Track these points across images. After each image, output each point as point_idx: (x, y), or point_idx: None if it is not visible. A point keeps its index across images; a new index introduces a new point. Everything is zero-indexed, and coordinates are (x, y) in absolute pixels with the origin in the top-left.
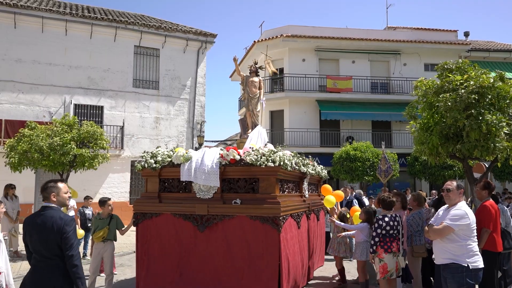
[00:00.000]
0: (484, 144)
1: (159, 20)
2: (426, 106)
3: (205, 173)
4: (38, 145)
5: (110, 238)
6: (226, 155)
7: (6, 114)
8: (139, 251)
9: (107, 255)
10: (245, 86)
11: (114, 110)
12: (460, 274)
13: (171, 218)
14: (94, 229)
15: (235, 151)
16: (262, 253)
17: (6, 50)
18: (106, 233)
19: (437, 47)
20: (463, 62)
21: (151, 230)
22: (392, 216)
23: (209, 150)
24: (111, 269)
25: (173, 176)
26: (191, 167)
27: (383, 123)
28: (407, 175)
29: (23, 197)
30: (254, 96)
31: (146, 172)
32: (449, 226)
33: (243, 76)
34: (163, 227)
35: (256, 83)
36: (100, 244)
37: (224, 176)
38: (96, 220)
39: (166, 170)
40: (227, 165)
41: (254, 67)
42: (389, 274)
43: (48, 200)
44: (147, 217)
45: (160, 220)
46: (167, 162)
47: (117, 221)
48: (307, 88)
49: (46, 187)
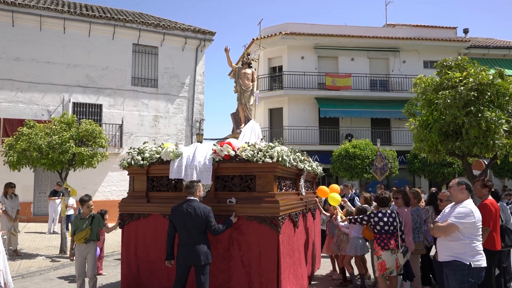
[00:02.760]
0: (483, 141)
1: (157, 18)
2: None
3: (197, 171)
4: (37, 143)
5: (92, 238)
6: (220, 150)
7: (5, 112)
8: (125, 254)
9: (89, 256)
10: (237, 78)
11: (113, 109)
12: (462, 272)
13: (161, 219)
14: (74, 230)
15: (229, 146)
16: (259, 256)
17: (4, 49)
18: (89, 234)
19: (436, 44)
20: (462, 59)
21: (138, 232)
22: (387, 212)
23: (201, 145)
24: (94, 272)
25: (162, 174)
26: (181, 164)
27: (383, 121)
28: (407, 173)
29: (22, 195)
30: (246, 89)
31: (132, 170)
32: (453, 224)
33: (235, 67)
34: (151, 229)
35: (248, 75)
36: (83, 245)
37: (218, 174)
38: (76, 220)
39: (155, 167)
40: (221, 162)
41: (247, 59)
42: (389, 272)
43: (193, 194)
44: (134, 218)
45: (148, 222)
46: (156, 158)
47: (99, 221)
48: (306, 85)
49: (193, 185)
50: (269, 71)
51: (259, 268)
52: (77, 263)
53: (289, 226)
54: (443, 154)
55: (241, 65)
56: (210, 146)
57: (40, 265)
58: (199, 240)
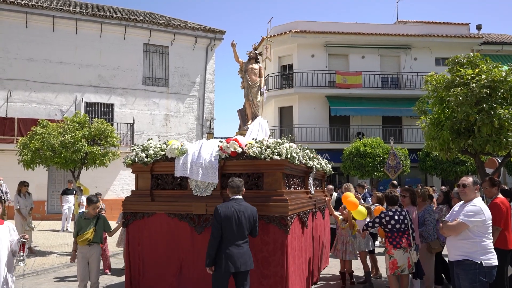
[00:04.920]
0: (496, 139)
1: (168, 18)
2: (437, 101)
3: (203, 168)
4: (50, 143)
5: (96, 241)
6: (226, 147)
7: (19, 112)
8: (129, 255)
9: (93, 260)
10: (244, 73)
11: (124, 108)
12: (473, 271)
13: (165, 218)
14: (77, 231)
15: (236, 142)
16: (267, 257)
17: (18, 50)
18: (93, 236)
19: (449, 41)
20: (474, 56)
21: (143, 232)
22: (398, 210)
23: (206, 142)
24: (97, 276)
25: (166, 172)
26: (186, 161)
27: (394, 119)
28: (419, 171)
29: (36, 194)
30: (254, 84)
31: (136, 167)
32: (463, 223)
33: (242, 62)
34: (156, 228)
35: (256, 70)
36: (86, 247)
37: (224, 171)
38: (80, 220)
39: (159, 165)
40: (227, 159)
41: (254, 53)
42: (400, 270)
43: (239, 193)
44: (138, 217)
45: (152, 221)
46: (160, 156)
47: (105, 223)
48: (316, 84)
49: (239, 185)
50: (279, 70)
51: (266, 270)
52: (80, 266)
53: (298, 226)
54: (455, 152)
55: (248, 60)
56: (216, 143)
57: (54, 263)
58: (247, 242)
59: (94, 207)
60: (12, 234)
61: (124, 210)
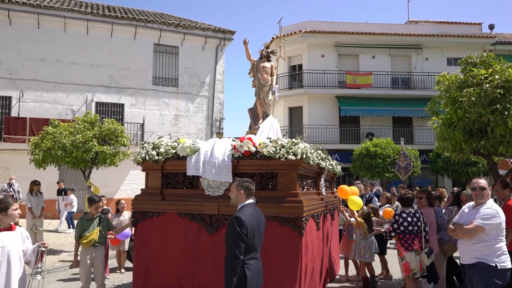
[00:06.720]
0: (509, 140)
1: (178, 18)
2: (449, 101)
3: (216, 167)
4: (61, 142)
5: (101, 241)
6: (240, 146)
7: (31, 112)
8: (138, 254)
9: (97, 262)
10: (256, 72)
11: (135, 108)
12: (488, 274)
13: (176, 218)
14: (80, 233)
15: (250, 141)
16: (280, 259)
17: (30, 50)
18: (98, 236)
19: (461, 40)
20: (487, 55)
21: (152, 232)
22: (411, 212)
23: (219, 140)
24: (103, 279)
25: (178, 170)
26: (199, 160)
27: (404, 119)
28: (429, 172)
29: (47, 193)
30: (265, 83)
31: (147, 166)
32: (481, 226)
33: (253, 61)
34: (166, 228)
35: (267, 69)
36: (90, 249)
37: (237, 171)
38: (82, 221)
39: (170, 163)
40: (241, 158)
41: (266, 52)
42: (412, 273)
43: (251, 197)
44: (148, 216)
45: (162, 220)
46: (171, 154)
47: (108, 222)
48: (326, 84)
49: (252, 188)
50: (289, 70)
51: (278, 273)
52: (83, 269)
53: (312, 227)
54: (467, 153)
55: (259, 59)
56: (229, 142)
57: (64, 261)
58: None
59: (96, 206)
60: (26, 242)
61: (133, 208)
